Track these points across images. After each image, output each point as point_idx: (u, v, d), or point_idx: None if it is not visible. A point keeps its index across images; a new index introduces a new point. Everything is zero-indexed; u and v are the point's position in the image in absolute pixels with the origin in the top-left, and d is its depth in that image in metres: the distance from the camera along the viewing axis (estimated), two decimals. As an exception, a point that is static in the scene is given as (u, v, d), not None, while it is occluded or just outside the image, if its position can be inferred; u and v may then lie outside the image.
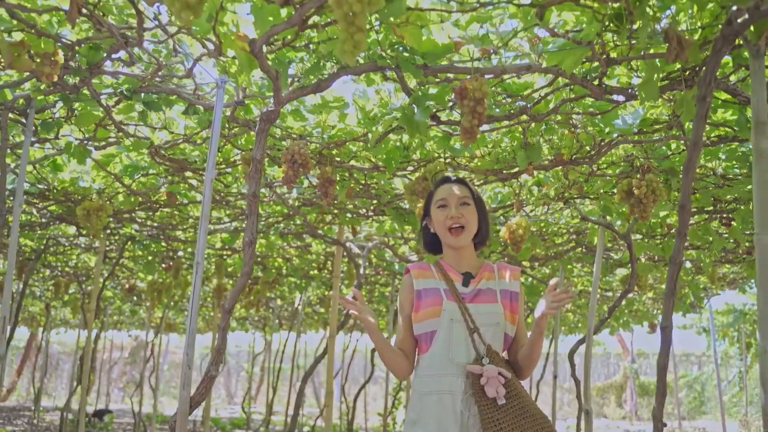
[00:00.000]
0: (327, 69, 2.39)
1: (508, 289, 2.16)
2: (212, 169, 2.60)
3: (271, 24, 1.92)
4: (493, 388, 1.92)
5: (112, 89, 2.86)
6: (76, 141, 3.27)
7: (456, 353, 2.04)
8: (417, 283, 2.18)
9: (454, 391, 2.00)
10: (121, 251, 5.83)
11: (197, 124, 3.09)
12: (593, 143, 2.98)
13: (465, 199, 2.18)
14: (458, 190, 2.20)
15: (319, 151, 3.17)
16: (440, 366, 2.04)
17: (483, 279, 2.16)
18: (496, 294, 2.13)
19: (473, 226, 2.17)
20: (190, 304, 2.53)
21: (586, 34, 2.09)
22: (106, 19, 2.18)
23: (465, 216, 2.15)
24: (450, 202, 2.17)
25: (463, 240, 2.16)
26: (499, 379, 1.94)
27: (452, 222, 2.14)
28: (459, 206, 2.16)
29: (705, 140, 3.00)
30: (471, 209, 2.17)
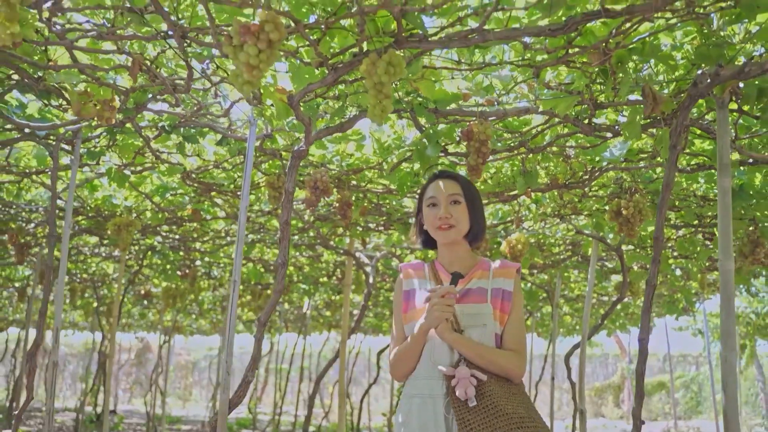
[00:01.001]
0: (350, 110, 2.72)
1: (500, 288, 2.08)
2: (246, 198, 2.93)
3: (307, 81, 2.25)
4: (463, 390, 1.89)
5: (153, 123, 3.19)
6: (116, 167, 3.60)
7: (438, 356, 2.00)
8: (406, 284, 2.17)
9: (436, 395, 1.97)
10: (142, 261, 6.16)
11: (227, 151, 3.43)
12: (585, 170, 3.31)
13: (455, 196, 2.11)
14: (449, 187, 2.13)
15: (338, 177, 3.51)
16: (424, 369, 2.01)
17: (474, 278, 2.10)
18: (487, 293, 2.06)
19: (463, 224, 2.11)
20: (228, 317, 2.86)
21: (577, 86, 2.43)
22: (159, 71, 2.51)
23: (454, 215, 2.09)
24: (439, 200, 2.12)
25: (453, 236, 2.10)
26: (471, 381, 1.90)
27: (441, 222, 2.09)
28: (448, 205, 2.10)
29: (686, 167, 3.34)
30: (461, 208, 2.11)
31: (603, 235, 4.61)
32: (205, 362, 23.07)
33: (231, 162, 3.57)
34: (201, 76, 2.57)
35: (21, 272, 8.75)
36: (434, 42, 2.00)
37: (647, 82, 2.26)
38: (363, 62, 1.94)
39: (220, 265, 6.99)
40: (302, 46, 2.17)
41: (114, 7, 2.01)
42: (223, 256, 6.32)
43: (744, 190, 3.39)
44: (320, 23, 1.98)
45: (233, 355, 2.87)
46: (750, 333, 13.98)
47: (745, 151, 2.86)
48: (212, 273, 7.41)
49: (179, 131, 3.14)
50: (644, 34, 2.12)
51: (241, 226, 2.90)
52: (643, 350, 2.26)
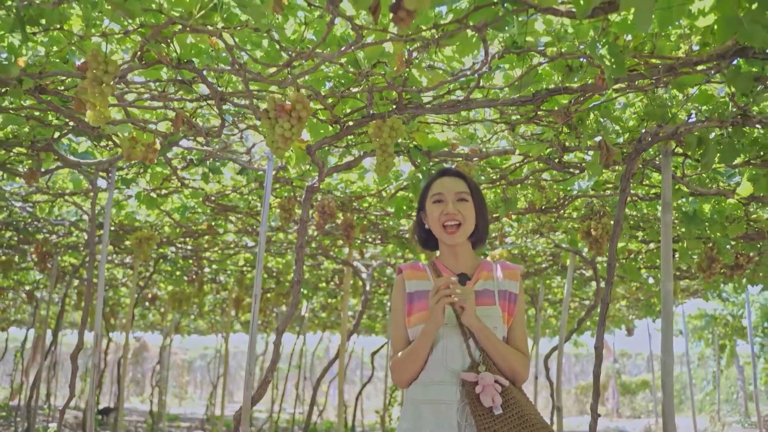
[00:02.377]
0: (354, 151, 3.20)
1: (506, 290, 2.02)
2: (265, 223, 3.40)
3: (323, 135, 2.72)
4: (489, 397, 1.80)
5: (182, 155, 3.66)
6: (145, 191, 4.06)
7: (451, 360, 1.91)
8: (409, 285, 2.04)
9: (450, 401, 1.88)
10: (154, 268, 6.61)
11: (245, 179, 3.89)
12: (558, 198, 3.81)
13: (462, 194, 2.03)
14: (456, 184, 2.05)
15: (342, 202, 3.99)
16: (435, 374, 1.92)
17: (480, 279, 2.03)
18: (495, 295, 2.00)
19: (470, 223, 2.02)
20: (250, 326, 3.33)
21: (547, 136, 2.92)
22: (196, 120, 2.98)
23: (462, 213, 2.01)
24: (446, 197, 2.02)
25: (459, 237, 2.01)
26: (496, 388, 1.82)
27: (447, 219, 2.00)
28: (456, 202, 2.02)
29: (645, 195, 3.84)
30: (468, 206, 2.03)
31: (579, 248, 5.11)
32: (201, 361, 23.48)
33: (247, 188, 4.03)
34: (230, 124, 3.04)
35: (33, 276, 9.16)
36: (428, 108, 2.48)
37: (604, 134, 2.75)
38: (370, 126, 2.43)
39: (227, 271, 7.46)
40: (319, 109, 2.64)
41: (168, 80, 2.47)
42: (230, 264, 6.79)
43: (697, 215, 3.89)
44: (336, 92, 2.46)
45: (230, 354, 3.33)
46: (728, 334, 14.58)
47: (692, 186, 3.36)
48: (218, 279, 7.87)
49: (205, 164, 3.60)
50: (599, 101, 2.60)
51: (260, 249, 3.37)
52: (598, 356, 2.76)
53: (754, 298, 11.30)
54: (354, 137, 2.93)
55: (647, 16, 1.62)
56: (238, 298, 7.57)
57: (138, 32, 2.09)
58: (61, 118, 3.04)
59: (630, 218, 4.33)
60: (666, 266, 2.78)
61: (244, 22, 2.01)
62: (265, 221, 3.38)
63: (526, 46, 2.06)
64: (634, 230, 4.58)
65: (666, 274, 2.78)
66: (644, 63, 2.17)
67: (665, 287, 2.77)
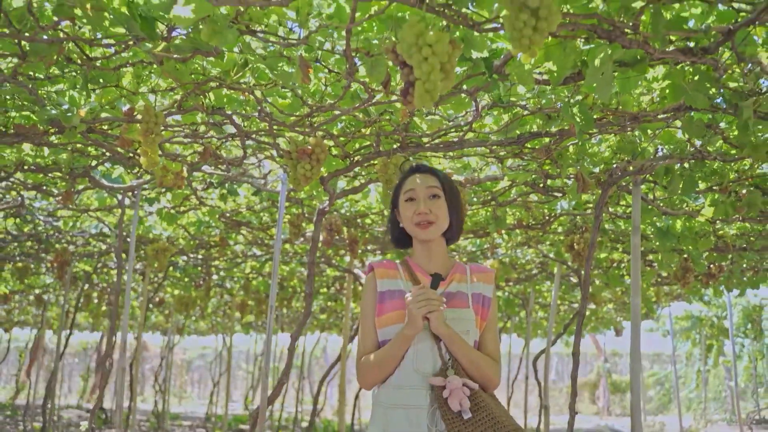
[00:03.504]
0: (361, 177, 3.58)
1: (480, 293, 1.99)
2: (279, 240, 3.77)
3: (334, 168, 3.10)
4: (457, 401, 1.78)
5: (202, 178, 4.03)
6: (166, 209, 4.43)
7: (421, 363, 1.88)
8: (380, 284, 1.98)
9: (420, 405, 1.85)
10: (165, 274, 6.97)
11: (259, 199, 4.27)
12: (543, 216, 4.20)
13: (433, 190, 1.99)
14: (427, 180, 2.01)
15: (347, 219, 4.37)
16: (405, 377, 1.88)
17: (454, 281, 1.99)
18: (468, 298, 1.96)
19: (443, 221, 1.99)
20: (266, 334, 3.70)
21: (531, 167, 3.30)
22: (220, 152, 3.35)
23: (434, 211, 1.97)
24: (418, 194, 1.99)
25: (433, 233, 1.98)
26: (464, 391, 1.80)
27: (420, 218, 1.96)
28: (427, 199, 1.98)
29: (622, 213, 4.23)
30: (440, 202, 1.99)
31: (566, 258, 5.51)
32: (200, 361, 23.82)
33: (259, 206, 4.41)
34: (250, 155, 3.42)
35: (43, 280, 9.50)
36: (427, 147, 2.86)
37: (581, 167, 3.14)
38: (378, 162, 2.80)
39: (234, 278, 7.83)
40: (332, 145, 3.02)
41: (202, 122, 2.84)
42: (236, 271, 7.17)
43: (669, 231, 4.28)
44: (347, 132, 2.84)
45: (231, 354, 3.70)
46: (715, 334, 15.01)
47: (662, 208, 3.75)
48: (225, 284, 8.24)
49: (224, 186, 3.97)
50: (575, 141, 2.99)
51: (275, 265, 3.74)
52: (575, 361, 3.14)
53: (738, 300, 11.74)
54: (361, 168, 3.31)
55: (607, 88, 2.00)
56: (243, 302, 7.94)
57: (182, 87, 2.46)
58: (98, 149, 3.41)
59: (610, 232, 4.72)
60: (635, 283, 3.17)
61: (272, 80, 2.39)
62: (279, 238, 3.76)
63: (510, 101, 2.44)
64: (615, 243, 4.97)
65: (635, 290, 3.17)
66: (612, 113, 2.56)
67: (634, 302, 3.15)
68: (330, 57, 2.19)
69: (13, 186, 4.13)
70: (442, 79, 1.58)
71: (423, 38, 1.52)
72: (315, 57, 2.20)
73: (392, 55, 1.71)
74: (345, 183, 3.75)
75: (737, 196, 3.44)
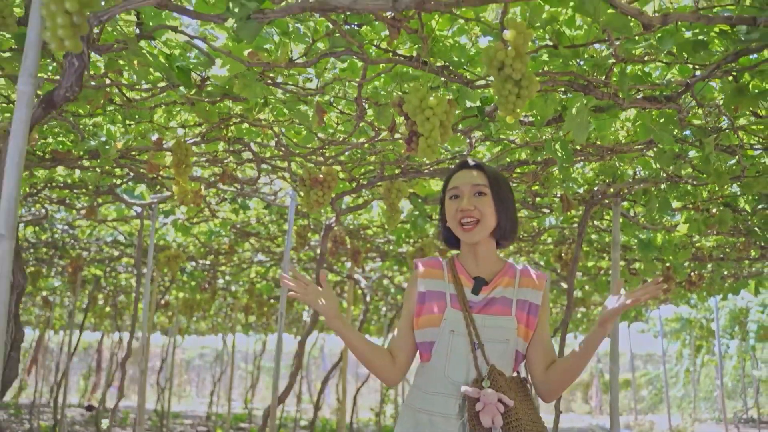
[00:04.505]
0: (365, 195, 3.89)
1: (527, 300, 1.85)
2: (289, 251, 4.08)
3: (341, 190, 3.41)
4: (489, 417, 1.69)
5: (216, 193, 4.33)
6: (180, 220, 4.74)
7: (453, 371, 1.79)
8: (422, 284, 1.90)
9: (448, 414, 1.76)
10: (172, 278, 7.27)
11: (269, 212, 4.58)
12: (533, 230, 4.52)
13: (480, 188, 1.87)
14: (473, 177, 1.89)
15: (350, 231, 4.68)
16: (435, 383, 1.80)
17: (499, 286, 1.86)
18: (512, 305, 1.83)
19: (489, 220, 1.85)
20: (277, 339, 4.00)
21: (520, 188, 3.61)
22: (237, 174, 3.66)
23: (478, 208, 1.84)
24: (463, 191, 1.88)
25: (477, 236, 1.85)
26: (498, 407, 1.69)
27: (463, 215, 1.85)
28: (472, 197, 1.86)
29: (606, 227, 4.55)
30: (486, 200, 1.86)
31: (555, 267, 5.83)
32: (199, 360, 24.11)
33: (267, 218, 4.72)
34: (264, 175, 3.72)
35: (50, 282, 9.79)
36: (426, 173, 3.17)
37: (565, 189, 3.45)
38: (382, 186, 3.11)
39: (239, 282, 8.13)
40: (340, 170, 3.33)
41: (224, 150, 3.15)
42: (242, 275, 7.47)
43: (651, 243, 4.60)
44: (353, 159, 3.15)
45: (226, 354, 4.00)
46: (704, 336, 15.38)
47: (641, 223, 4.07)
48: (231, 288, 8.55)
49: (236, 201, 4.28)
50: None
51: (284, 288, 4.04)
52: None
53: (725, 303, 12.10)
54: (368, 190, 3.62)
55: (583, 132, 2.30)
56: (247, 305, 8.26)
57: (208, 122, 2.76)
58: (123, 169, 3.71)
59: (596, 242, 5.04)
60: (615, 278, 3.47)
61: (289, 118, 2.70)
62: (289, 250, 4.06)
63: (500, 137, 2.76)
64: (601, 252, 5.29)
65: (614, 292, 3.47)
66: (591, 146, 2.87)
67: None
68: (341, 101, 2.50)
69: (38, 200, 4.42)
70: (441, 134, 1.89)
71: (425, 102, 1.83)
72: (328, 101, 2.50)
73: (398, 108, 2.03)
74: (350, 199, 4.06)
75: (709, 214, 3.76)
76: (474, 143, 2.80)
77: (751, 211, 3.72)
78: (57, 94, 1.63)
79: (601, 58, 2.09)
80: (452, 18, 1.97)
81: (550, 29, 1.95)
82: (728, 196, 3.70)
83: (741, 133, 2.72)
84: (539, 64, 2.13)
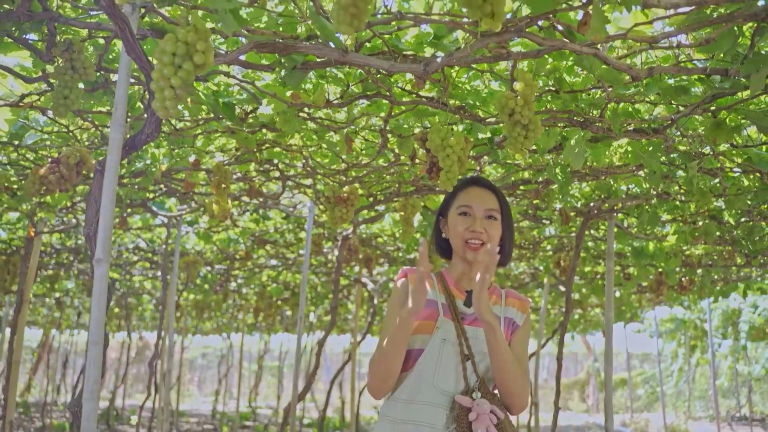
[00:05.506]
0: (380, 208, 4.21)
1: (512, 318, 1.88)
2: (308, 261, 4.39)
3: (359, 204, 3.72)
4: (483, 427, 1.66)
5: (239, 205, 4.64)
6: (203, 229, 5.05)
7: (443, 380, 1.76)
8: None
9: (435, 424, 1.72)
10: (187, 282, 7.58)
11: (288, 222, 4.89)
12: (534, 238, 4.84)
13: (492, 212, 1.88)
14: (487, 199, 1.91)
15: (362, 239, 4.99)
16: (422, 392, 1.75)
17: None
18: (500, 321, 1.85)
19: (495, 243, 1.86)
20: (297, 341, 4.32)
21: (523, 202, 3.93)
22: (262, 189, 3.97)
23: (489, 232, 1.85)
24: (475, 211, 1.88)
25: (482, 257, 1.82)
26: (491, 418, 1.68)
27: (472, 236, 1.85)
28: (484, 219, 1.87)
29: (602, 237, 4.87)
30: (496, 225, 1.88)
31: (554, 272, 6.15)
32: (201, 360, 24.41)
33: (286, 228, 5.03)
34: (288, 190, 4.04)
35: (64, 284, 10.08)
36: (438, 191, 3.49)
37: (564, 205, 3.77)
38: (398, 202, 3.43)
39: (251, 286, 8.46)
40: (359, 187, 3.64)
41: (254, 170, 3.47)
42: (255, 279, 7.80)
43: (643, 251, 4.93)
44: (372, 179, 3.46)
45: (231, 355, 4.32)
46: (699, 335, 15.73)
47: (633, 234, 4.39)
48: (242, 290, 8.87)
49: (258, 212, 4.59)
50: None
51: (303, 283, 4.36)
52: (559, 366, 3.77)
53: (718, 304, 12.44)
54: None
55: (580, 160, 2.62)
56: (257, 307, 8.59)
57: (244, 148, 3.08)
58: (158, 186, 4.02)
59: (592, 250, 5.37)
60: (608, 300, 3.80)
61: (318, 143, 3.01)
62: (308, 257, 4.38)
63: (506, 161, 3.08)
64: (597, 259, 5.61)
65: (608, 305, 3.80)
66: (588, 169, 3.19)
67: (607, 315, 3.79)
68: (366, 130, 2.82)
69: (71, 210, 4.73)
70: (459, 167, 2.21)
71: (446, 141, 2.14)
72: (354, 129, 2.82)
73: (420, 143, 2.35)
74: (365, 211, 4.37)
75: (696, 226, 4.08)
76: (483, 165, 3.11)
77: (735, 223, 4.04)
78: (139, 139, 1.94)
79: (596, 99, 2.41)
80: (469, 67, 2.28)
81: (553, 77, 2.27)
82: (713, 209, 4.02)
83: (721, 158, 3.04)
84: (543, 103, 2.45)
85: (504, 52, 1.94)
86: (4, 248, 6.05)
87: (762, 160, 2.86)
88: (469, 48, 1.80)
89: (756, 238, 4.28)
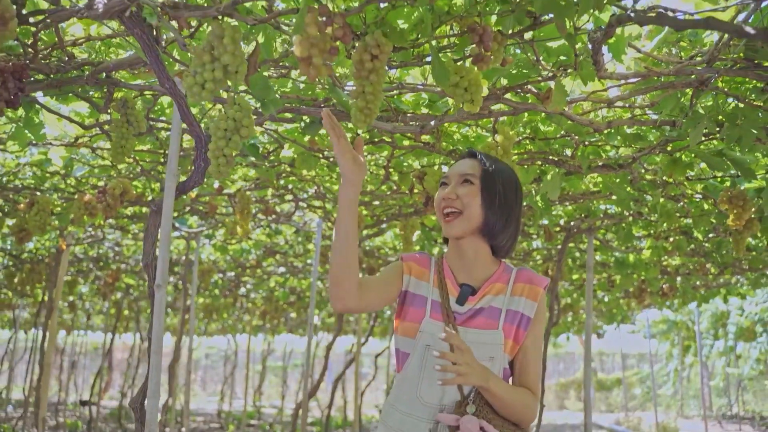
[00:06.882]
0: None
1: (518, 311, 1.62)
2: (316, 271, 4.82)
3: (363, 224, 4.15)
4: None
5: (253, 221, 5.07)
6: (219, 241, 5.49)
7: (427, 392, 1.59)
8: (407, 281, 1.68)
9: None
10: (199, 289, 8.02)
11: (298, 235, 5.33)
12: (524, 250, 5.28)
13: (468, 176, 1.64)
14: (465, 165, 1.67)
15: (366, 251, 5.43)
16: (407, 403, 1.60)
17: (488, 294, 1.63)
18: (500, 316, 1.61)
19: (473, 212, 1.61)
20: (306, 345, 4.74)
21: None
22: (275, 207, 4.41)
23: (461, 197, 1.61)
24: (451, 179, 1.67)
25: (456, 229, 1.62)
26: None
27: (445, 204, 1.64)
28: (458, 185, 1.64)
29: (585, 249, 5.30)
30: (472, 190, 1.62)
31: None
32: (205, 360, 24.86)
33: (296, 240, 5.47)
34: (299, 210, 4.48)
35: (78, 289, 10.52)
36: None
37: (548, 223, 4.21)
38: (399, 223, 3.87)
39: (259, 291, 8.90)
40: (365, 210, 4.07)
41: (271, 194, 3.90)
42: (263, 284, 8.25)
43: (624, 262, 5.36)
44: (375, 205, 3.90)
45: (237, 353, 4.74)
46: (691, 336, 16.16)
47: (613, 247, 4.82)
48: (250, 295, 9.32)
49: (270, 227, 5.03)
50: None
51: (312, 293, 4.78)
52: (543, 367, 4.20)
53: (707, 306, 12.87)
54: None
55: (556, 192, 3.05)
56: (264, 311, 9.05)
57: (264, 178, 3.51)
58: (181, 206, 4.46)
59: (578, 260, 5.80)
60: (588, 309, 4.23)
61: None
62: (316, 268, 4.80)
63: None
64: (584, 268, 6.05)
65: (588, 312, 4.23)
66: (568, 194, 3.62)
67: (587, 322, 4.22)
68: (371, 165, 3.25)
69: (98, 226, 5.16)
70: (450, 203, 2.63)
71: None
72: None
73: (417, 180, 2.78)
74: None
75: (668, 242, 4.51)
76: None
77: (703, 239, 4.47)
78: (187, 185, 2.37)
79: (567, 142, 2.84)
80: (458, 118, 2.71)
81: (529, 127, 2.70)
82: (684, 225, 4.45)
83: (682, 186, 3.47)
84: (522, 146, 2.89)
85: (486, 112, 2.38)
86: (30, 257, 6.49)
87: (716, 189, 3.29)
88: (457, 114, 2.23)
89: (724, 252, 4.71)
